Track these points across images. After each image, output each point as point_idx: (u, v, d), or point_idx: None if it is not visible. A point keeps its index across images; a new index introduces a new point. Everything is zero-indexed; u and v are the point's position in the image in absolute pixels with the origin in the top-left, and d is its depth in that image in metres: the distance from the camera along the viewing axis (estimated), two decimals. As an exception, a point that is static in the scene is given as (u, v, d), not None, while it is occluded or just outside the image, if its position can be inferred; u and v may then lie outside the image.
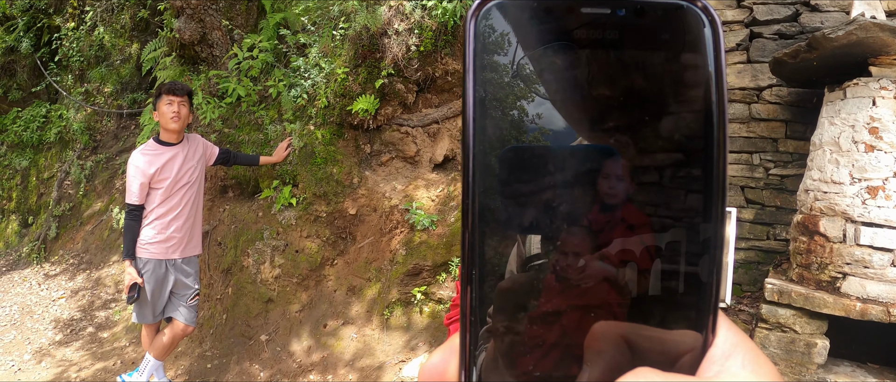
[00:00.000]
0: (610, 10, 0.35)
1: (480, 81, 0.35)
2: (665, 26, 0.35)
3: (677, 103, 0.35)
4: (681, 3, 0.34)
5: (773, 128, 4.39)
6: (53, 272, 7.10)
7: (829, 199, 3.57)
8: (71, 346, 5.54)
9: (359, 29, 4.66)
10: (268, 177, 5.31)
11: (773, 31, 4.37)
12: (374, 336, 4.57)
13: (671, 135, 0.35)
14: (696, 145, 0.34)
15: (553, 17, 0.35)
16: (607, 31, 0.35)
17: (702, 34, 0.34)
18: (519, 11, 0.35)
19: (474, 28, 0.35)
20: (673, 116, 0.35)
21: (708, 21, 0.34)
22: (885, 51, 3.36)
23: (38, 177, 8.36)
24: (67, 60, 8.24)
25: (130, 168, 3.89)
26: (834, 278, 3.54)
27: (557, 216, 0.35)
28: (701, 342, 0.34)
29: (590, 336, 0.34)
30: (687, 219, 0.35)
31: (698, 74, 0.34)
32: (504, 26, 0.35)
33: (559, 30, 0.35)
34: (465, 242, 0.35)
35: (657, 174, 0.35)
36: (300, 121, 5.15)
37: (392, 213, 4.85)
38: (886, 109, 3.42)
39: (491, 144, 0.35)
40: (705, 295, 0.34)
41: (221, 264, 5.35)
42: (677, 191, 0.35)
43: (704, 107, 0.34)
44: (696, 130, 0.34)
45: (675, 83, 0.35)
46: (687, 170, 0.35)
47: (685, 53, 0.35)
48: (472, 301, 0.35)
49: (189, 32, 5.61)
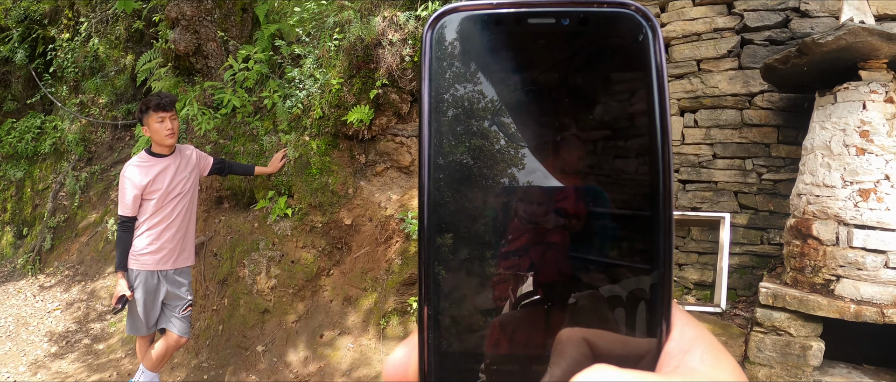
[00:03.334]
0: (555, 21, 0.37)
1: (436, 90, 0.37)
2: (608, 34, 0.37)
3: (620, 102, 0.36)
4: (622, 10, 0.36)
5: (766, 133, 4.41)
6: (48, 283, 7.07)
7: (822, 202, 3.59)
8: (66, 358, 5.51)
9: (353, 40, 4.68)
10: (263, 188, 5.31)
11: (763, 37, 4.40)
12: (371, 345, 4.56)
13: (615, 127, 0.36)
14: (641, 139, 0.36)
15: (503, 29, 0.37)
16: (553, 40, 0.37)
17: (642, 41, 0.36)
18: (471, 23, 0.37)
19: (431, 39, 0.37)
20: (616, 112, 0.36)
21: (649, 27, 0.36)
22: (874, 55, 3.39)
23: (33, 188, 8.34)
24: (62, 72, 8.24)
25: (123, 180, 3.89)
26: (828, 280, 3.56)
27: (510, 211, 0.37)
28: (657, 338, 0.35)
29: (556, 339, 0.35)
30: (635, 206, 0.36)
31: (641, 76, 0.36)
32: (459, 37, 0.37)
33: (510, 40, 0.37)
34: (422, 241, 0.36)
35: (604, 162, 0.36)
36: (295, 132, 5.16)
37: (387, 222, 4.86)
38: (876, 113, 3.45)
39: (446, 150, 0.37)
40: (658, 289, 0.35)
41: (217, 275, 5.35)
42: (624, 181, 0.36)
43: (647, 104, 0.36)
44: (641, 126, 0.36)
45: (619, 85, 0.36)
46: (633, 161, 0.36)
47: (628, 58, 0.36)
48: (429, 293, 0.36)
49: (184, 44, 5.62)
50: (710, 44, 4.57)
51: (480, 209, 0.37)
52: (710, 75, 4.56)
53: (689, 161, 4.64)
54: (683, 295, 4.60)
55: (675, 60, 4.70)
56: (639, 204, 0.36)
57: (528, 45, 0.37)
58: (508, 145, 0.37)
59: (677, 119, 4.69)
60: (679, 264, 4.68)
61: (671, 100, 4.69)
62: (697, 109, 4.61)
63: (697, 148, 4.61)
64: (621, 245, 0.36)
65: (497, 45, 0.37)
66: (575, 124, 0.37)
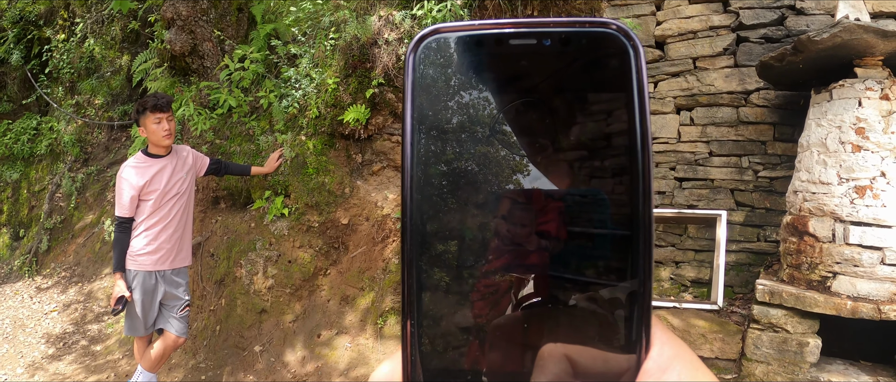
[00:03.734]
0: (536, 41, 0.37)
1: (418, 108, 0.37)
2: (589, 54, 0.37)
3: (600, 121, 0.37)
4: (603, 30, 0.36)
5: (762, 131, 4.42)
6: (45, 285, 7.06)
7: (818, 199, 3.60)
8: (64, 360, 5.50)
9: (349, 39, 4.67)
10: (260, 188, 5.30)
11: (759, 35, 4.41)
12: (369, 345, 4.56)
13: (595, 146, 0.37)
14: (622, 158, 0.36)
15: (485, 50, 0.37)
16: (534, 59, 0.37)
17: (623, 58, 0.36)
18: (454, 45, 0.38)
19: (413, 61, 0.38)
20: (597, 130, 0.37)
21: (631, 47, 0.36)
22: (869, 52, 3.39)
23: (30, 190, 8.32)
24: (58, 72, 8.21)
25: (120, 181, 3.89)
26: (824, 277, 3.56)
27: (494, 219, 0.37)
28: (636, 355, 0.35)
29: (538, 355, 0.35)
30: (615, 223, 0.36)
31: (621, 93, 0.36)
32: (442, 58, 0.38)
33: (491, 61, 0.38)
34: (404, 258, 0.37)
35: (585, 181, 0.37)
36: (291, 131, 5.15)
37: (384, 222, 4.86)
38: (872, 110, 3.46)
39: (429, 169, 0.37)
40: (637, 306, 0.35)
41: (214, 275, 5.34)
42: (605, 199, 0.36)
43: (628, 123, 0.36)
44: (621, 144, 0.36)
45: (600, 103, 0.37)
46: (614, 179, 0.36)
47: (609, 77, 0.37)
48: (412, 309, 0.37)
49: (180, 44, 5.61)
50: (705, 42, 4.57)
51: (462, 227, 0.37)
52: (705, 73, 4.56)
53: (685, 159, 4.64)
54: (680, 293, 4.61)
55: (671, 58, 4.70)
56: (618, 221, 0.36)
57: (509, 65, 0.38)
58: (489, 164, 0.37)
59: (673, 117, 4.69)
60: (676, 261, 4.69)
61: (668, 98, 4.69)
62: (693, 106, 4.62)
63: (694, 146, 4.61)
64: (601, 263, 0.36)
65: (479, 66, 0.38)
66: (557, 142, 0.37)
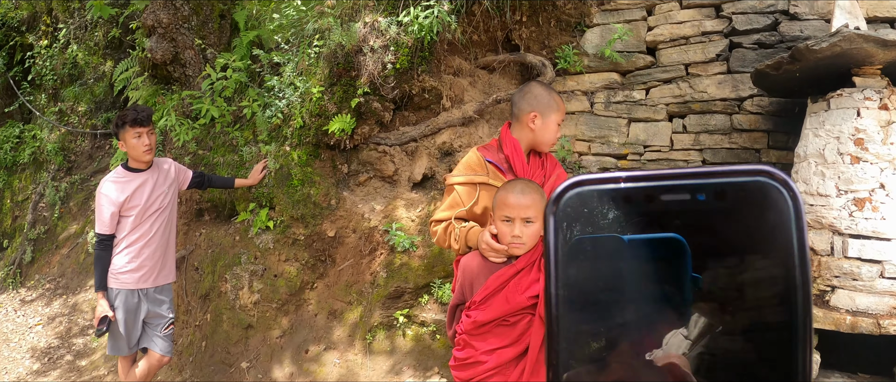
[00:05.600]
0: (690, 196, 0.35)
1: (563, 269, 0.35)
2: (744, 206, 0.35)
3: (760, 268, 0.35)
4: (759, 179, 0.34)
5: (756, 138, 4.32)
6: (29, 297, 6.93)
7: (816, 212, 3.51)
8: (49, 375, 5.41)
9: (333, 47, 4.54)
10: (244, 200, 5.18)
11: (752, 40, 4.30)
12: (357, 360, 4.46)
13: (756, 295, 0.35)
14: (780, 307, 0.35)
15: (633, 208, 0.35)
16: (690, 218, 0.35)
17: (782, 207, 0.34)
18: (598, 198, 0.36)
19: (555, 218, 0.36)
20: (756, 279, 0.35)
21: (789, 195, 0.34)
22: (868, 61, 3.30)
23: (13, 199, 8.16)
24: (41, 79, 8.06)
25: (100, 197, 3.82)
26: (823, 291, 3.48)
27: None
28: None
29: None
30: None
31: (781, 243, 0.34)
32: (584, 212, 0.36)
33: (638, 218, 0.36)
34: None
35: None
36: (275, 142, 5.03)
37: (372, 234, 4.74)
38: (871, 120, 3.36)
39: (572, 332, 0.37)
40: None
41: (199, 289, 5.22)
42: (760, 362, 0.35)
43: (786, 273, 0.34)
44: (780, 296, 0.35)
45: (759, 252, 0.35)
46: (772, 342, 0.35)
47: (766, 226, 0.34)
48: None
49: (161, 52, 5.47)
50: (698, 47, 4.47)
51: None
52: (698, 80, 4.46)
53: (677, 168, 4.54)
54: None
55: (663, 64, 4.59)
56: (777, 360, 0.35)
57: (661, 224, 0.35)
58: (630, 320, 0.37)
59: (665, 124, 4.59)
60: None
61: (660, 106, 4.59)
62: (686, 114, 4.51)
63: (686, 154, 4.51)
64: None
65: (626, 221, 0.36)
66: (710, 305, 0.36)
